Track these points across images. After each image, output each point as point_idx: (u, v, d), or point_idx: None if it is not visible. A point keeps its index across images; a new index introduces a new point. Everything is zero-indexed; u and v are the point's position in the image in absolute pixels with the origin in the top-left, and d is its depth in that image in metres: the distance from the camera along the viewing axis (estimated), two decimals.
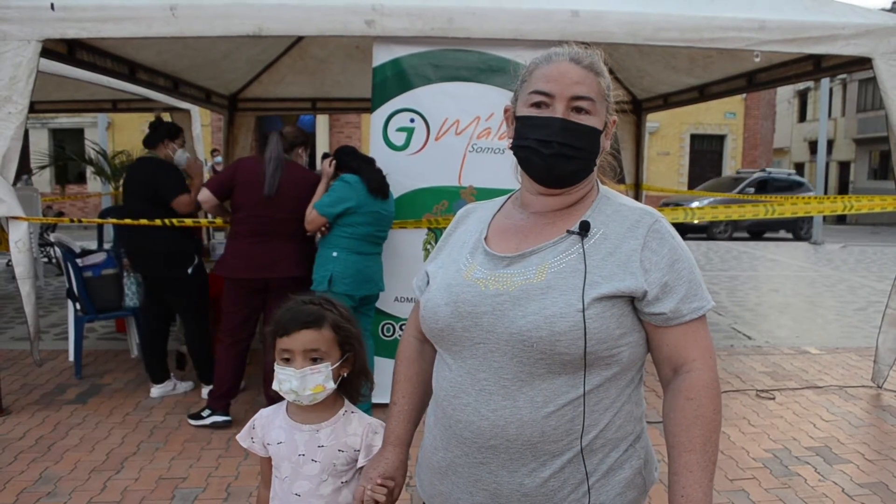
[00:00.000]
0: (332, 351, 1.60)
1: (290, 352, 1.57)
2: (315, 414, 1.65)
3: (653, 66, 6.73)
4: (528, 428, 1.24)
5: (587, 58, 1.33)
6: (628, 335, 1.28)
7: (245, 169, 3.98)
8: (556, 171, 1.31)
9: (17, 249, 4.08)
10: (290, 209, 3.90)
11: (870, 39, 4.23)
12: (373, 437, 1.64)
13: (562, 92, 1.29)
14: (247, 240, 3.94)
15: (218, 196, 4.00)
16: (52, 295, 8.23)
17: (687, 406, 1.25)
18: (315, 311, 1.60)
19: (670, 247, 1.29)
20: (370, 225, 3.90)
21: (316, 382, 1.56)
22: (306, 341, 1.56)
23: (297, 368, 1.55)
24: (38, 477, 3.42)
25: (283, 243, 3.94)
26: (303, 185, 3.95)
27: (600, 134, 1.33)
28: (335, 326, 1.60)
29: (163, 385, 4.59)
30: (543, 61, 1.34)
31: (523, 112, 1.34)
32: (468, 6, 4.06)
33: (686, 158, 21.97)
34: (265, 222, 3.91)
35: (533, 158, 1.32)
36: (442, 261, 1.45)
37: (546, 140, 1.29)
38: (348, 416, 1.68)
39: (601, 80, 1.33)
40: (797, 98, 34.11)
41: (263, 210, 3.89)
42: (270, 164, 3.88)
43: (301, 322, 1.57)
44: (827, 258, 13.05)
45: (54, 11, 3.89)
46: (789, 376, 5.21)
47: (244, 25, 3.99)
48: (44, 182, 17.74)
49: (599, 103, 1.32)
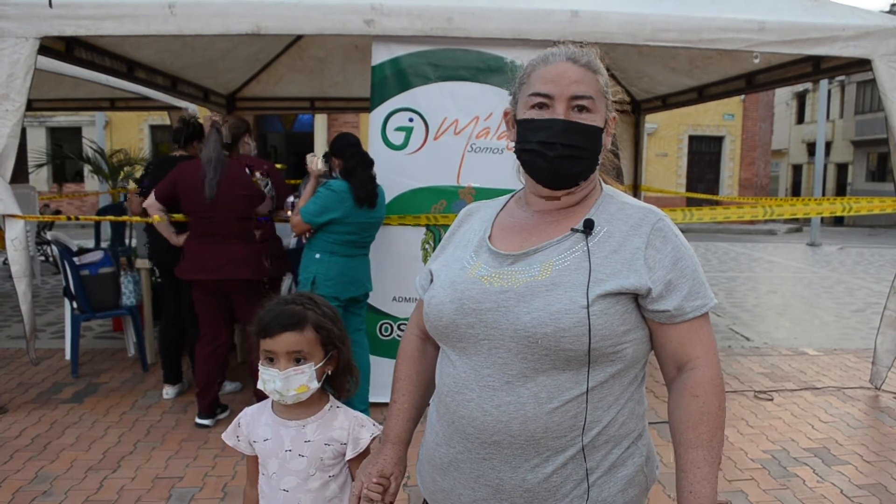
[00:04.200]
0: (314, 351, 1.60)
1: (273, 353, 1.57)
2: (301, 410, 1.65)
3: (652, 66, 6.72)
4: (532, 423, 1.24)
5: (584, 56, 1.33)
6: (632, 332, 1.28)
7: (185, 173, 3.92)
8: (561, 173, 1.31)
9: (13, 248, 4.07)
10: (231, 209, 3.87)
11: (869, 41, 4.23)
12: (359, 431, 1.66)
13: (561, 92, 1.29)
14: (197, 241, 3.94)
15: (162, 202, 3.96)
16: (48, 293, 8.21)
17: (692, 403, 1.26)
18: (297, 311, 1.60)
19: (674, 245, 1.30)
20: (355, 233, 3.88)
21: (300, 383, 1.57)
22: (288, 343, 1.57)
23: (280, 370, 1.56)
24: (34, 476, 3.41)
25: (231, 245, 3.90)
26: (242, 183, 3.89)
27: (602, 131, 1.33)
28: (317, 326, 1.60)
29: (176, 386, 4.60)
30: (541, 63, 1.34)
31: (524, 115, 1.33)
32: (468, 6, 4.06)
33: (684, 160, 21.96)
34: (210, 224, 3.89)
35: (537, 161, 1.32)
36: (445, 259, 1.45)
37: (549, 142, 1.29)
38: (334, 410, 1.69)
39: (599, 77, 1.33)
40: (795, 100, 34.17)
41: (207, 212, 3.87)
42: (210, 167, 3.83)
43: (282, 324, 1.57)
44: (825, 260, 13.07)
45: (52, 9, 3.88)
46: (787, 377, 5.22)
47: (243, 24, 3.98)
48: (41, 180, 17.72)
49: (599, 101, 1.32)
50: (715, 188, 22.00)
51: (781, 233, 19.81)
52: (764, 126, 22.13)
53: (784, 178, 35.85)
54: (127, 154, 11.88)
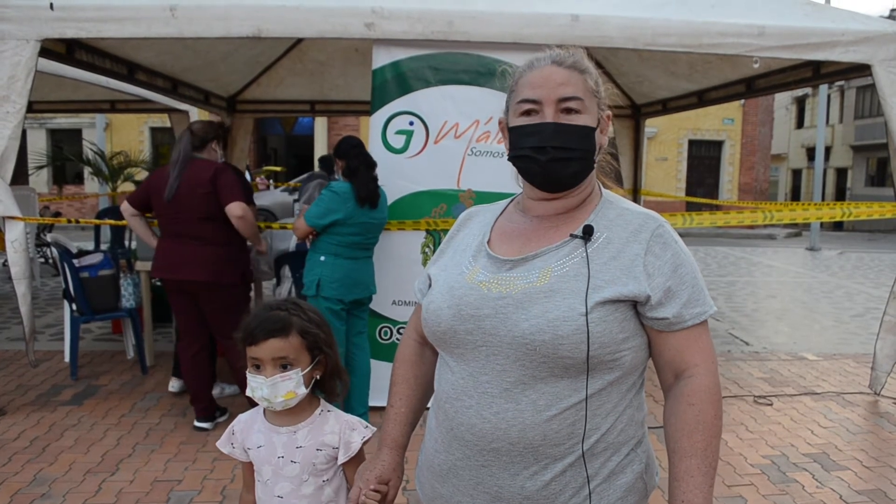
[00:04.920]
0: (301, 357, 1.59)
1: (259, 360, 1.57)
2: (292, 416, 1.65)
3: (652, 71, 6.73)
4: (530, 431, 1.23)
5: (569, 57, 1.33)
6: (631, 339, 1.27)
7: (156, 177, 3.99)
8: (555, 176, 1.31)
9: (13, 249, 4.07)
10: (190, 208, 3.87)
11: (869, 46, 4.24)
12: (350, 434, 1.65)
13: (549, 96, 1.29)
14: (163, 241, 4.01)
15: (136, 207, 4.02)
16: (48, 295, 8.21)
17: (688, 411, 1.25)
18: (282, 317, 1.59)
19: (673, 252, 1.29)
20: (358, 234, 3.88)
21: (287, 389, 1.57)
22: (274, 350, 1.56)
23: (266, 377, 1.56)
24: (32, 478, 3.40)
25: (193, 246, 3.89)
26: (203, 183, 3.87)
27: (594, 131, 1.32)
28: (303, 332, 1.59)
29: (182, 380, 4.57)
30: (527, 69, 1.34)
31: (515, 122, 1.34)
32: (468, 10, 4.06)
33: (684, 164, 22.00)
34: (171, 224, 3.93)
35: (531, 167, 1.32)
36: (444, 264, 1.45)
37: (540, 146, 1.29)
38: (325, 415, 1.69)
39: (587, 76, 1.32)
40: (795, 104, 34.20)
41: (168, 212, 3.91)
42: (175, 168, 3.88)
43: (267, 330, 1.56)
44: (824, 264, 13.08)
45: (53, 11, 3.88)
46: (787, 382, 5.21)
47: (244, 27, 3.98)
48: (41, 182, 17.72)
49: (588, 100, 1.31)
50: (715, 192, 22.04)
51: (781, 237, 19.81)
52: (764, 130, 22.17)
53: (784, 183, 35.89)
54: (127, 156, 11.89)
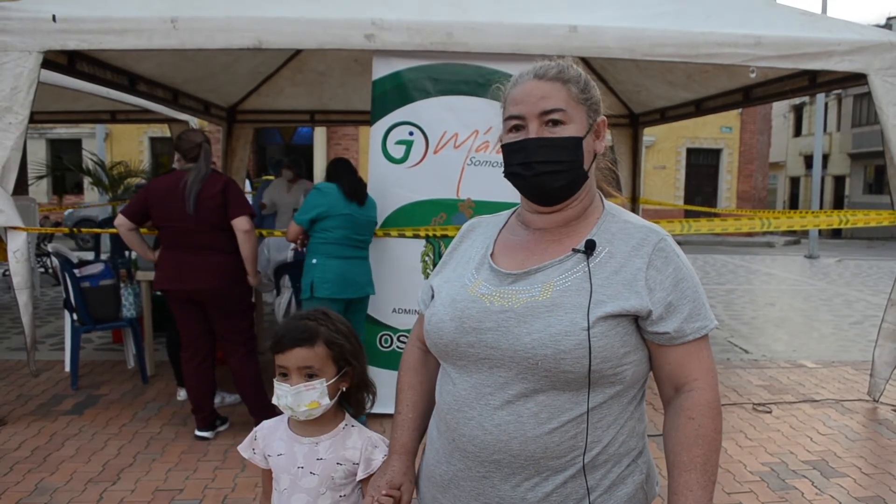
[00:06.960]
0: (326, 367, 1.59)
1: (285, 368, 1.58)
2: (315, 427, 1.65)
3: (650, 80, 6.77)
4: (532, 443, 1.24)
5: (552, 69, 1.33)
6: (632, 354, 1.28)
7: (155, 190, 3.94)
8: (545, 190, 1.32)
9: (15, 259, 4.08)
10: (204, 220, 3.86)
11: (864, 56, 4.27)
12: (372, 451, 1.64)
13: (530, 111, 1.30)
14: (169, 252, 3.97)
15: (133, 220, 3.97)
16: (48, 305, 8.20)
17: (688, 425, 1.26)
18: (309, 327, 1.60)
19: (675, 266, 1.29)
20: (345, 228, 3.94)
21: (310, 399, 1.57)
22: (299, 358, 1.57)
23: (291, 385, 1.57)
24: (33, 488, 3.41)
25: (204, 255, 3.89)
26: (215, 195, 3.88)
27: (580, 141, 1.32)
28: (329, 342, 1.60)
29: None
30: (512, 85, 1.36)
31: (504, 139, 1.36)
32: (467, 21, 4.10)
33: (682, 172, 22.04)
34: (183, 235, 3.90)
35: (521, 183, 1.34)
36: (447, 275, 1.45)
37: (526, 162, 1.31)
38: (348, 429, 1.68)
39: (570, 86, 1.31)
40: (793, 113, 34.30)
41: (182, 224, 3.87)
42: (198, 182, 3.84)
43: (294, 339, 1.58)
44: (823, 272, 13.09)
45: (56, 23, 3.91)
46: (786, 390, 5.22)
47: (244, 38, 4.01)
48: (41, 192, 17.73)
49: (573, 110, 1.31)
50: (713, 201, 22.06)
51: (779, 245, 19.85)
52: (761, 139, 22.24)
53: (782, 191, 35.94)
54: (127, 166, 11.90)
